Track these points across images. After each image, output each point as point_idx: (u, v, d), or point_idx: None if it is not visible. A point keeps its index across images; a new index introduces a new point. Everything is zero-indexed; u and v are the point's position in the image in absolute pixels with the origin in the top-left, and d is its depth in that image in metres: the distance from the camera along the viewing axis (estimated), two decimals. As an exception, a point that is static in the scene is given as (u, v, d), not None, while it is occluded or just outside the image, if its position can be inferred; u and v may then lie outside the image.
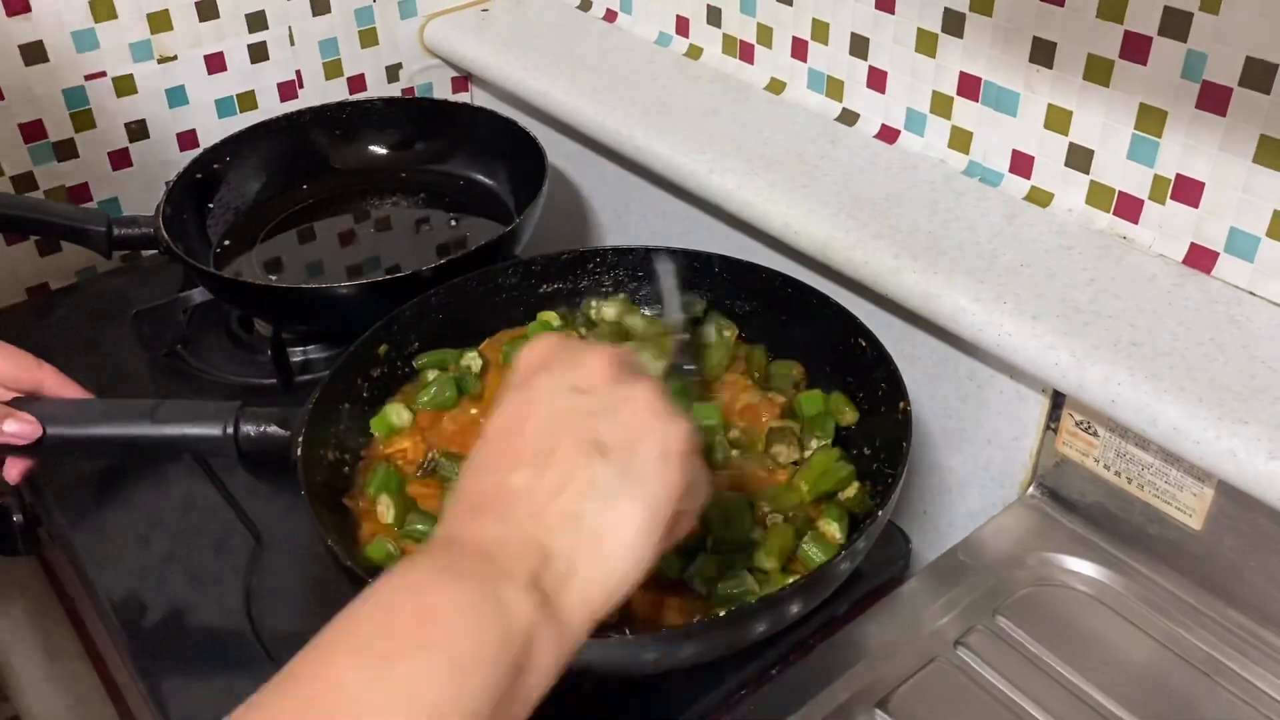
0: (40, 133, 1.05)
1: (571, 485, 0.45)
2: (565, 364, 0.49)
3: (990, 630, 0.74)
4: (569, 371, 0.49)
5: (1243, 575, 0.73)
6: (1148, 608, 0.75)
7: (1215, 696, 0.70)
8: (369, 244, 1.07)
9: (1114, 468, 0.78)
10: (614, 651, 0.62)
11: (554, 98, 1.09)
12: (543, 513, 0.45)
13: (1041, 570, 0.78)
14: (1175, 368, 0.70)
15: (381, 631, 0.40)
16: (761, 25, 1.03)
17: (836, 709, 0.70)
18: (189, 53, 1.10)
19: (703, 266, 0.89)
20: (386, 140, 1.15)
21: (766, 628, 0.65)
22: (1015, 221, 0.85)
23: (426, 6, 1.23)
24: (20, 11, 0.99)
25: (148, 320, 0.96)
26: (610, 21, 1.20)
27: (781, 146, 0.96)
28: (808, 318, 0.85)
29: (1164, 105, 0.76)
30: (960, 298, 0.78)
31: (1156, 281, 0.78)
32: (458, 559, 0.44)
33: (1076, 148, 0.82)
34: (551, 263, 0.90)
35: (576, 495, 0.45)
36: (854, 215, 0.86)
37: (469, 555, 0.44)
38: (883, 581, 0.79)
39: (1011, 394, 0.83)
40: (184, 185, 1.02)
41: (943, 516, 0.93)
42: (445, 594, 0.41)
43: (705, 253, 0.89)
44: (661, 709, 0.70)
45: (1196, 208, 0.77)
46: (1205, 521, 0.74)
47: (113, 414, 0.73)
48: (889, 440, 0.76)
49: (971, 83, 0.87)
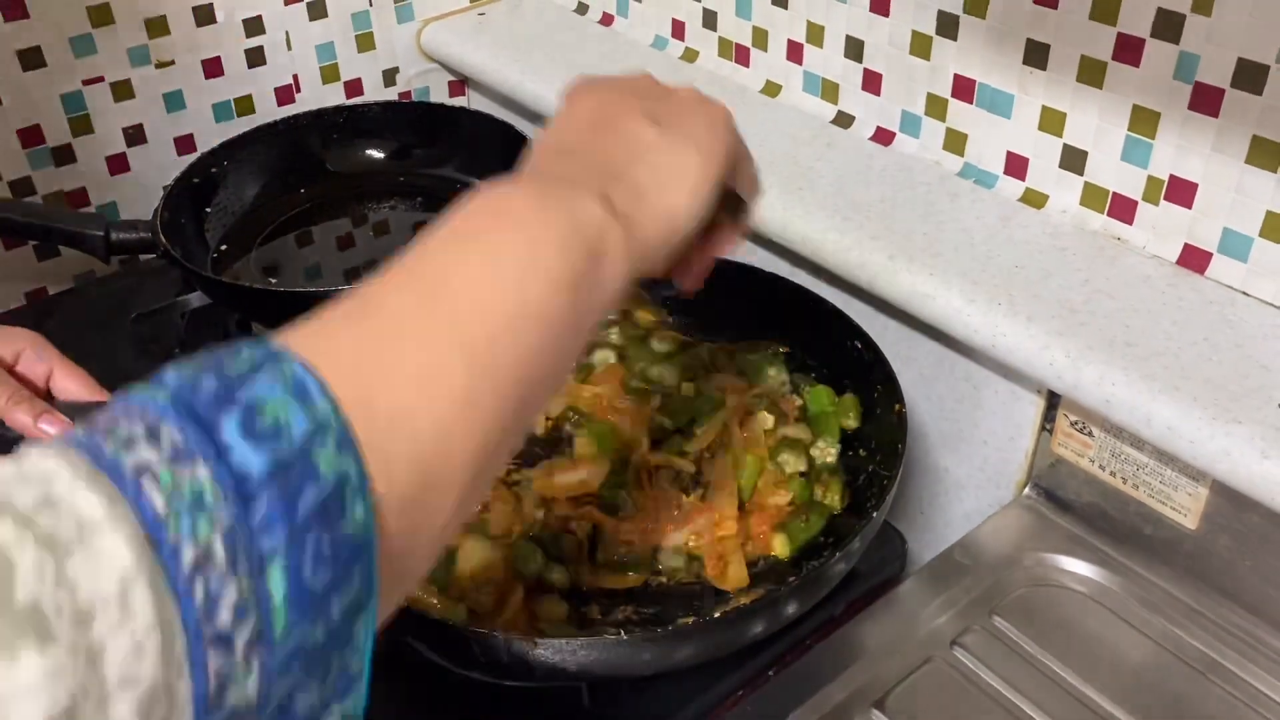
0: (38, 138, 1.05)
1: (636, 141, 0.50)
2: (608, 83, 0.55)
3: (987, 630, 0.75)
4: (614, 84, 0.54)
5: (1238, 574, 0.73)
6: (1143, 607, 0.76)
7: (1211, 695, 0.70)
8: (367, 247, 1.07)
9: (1109, 468, 0.78)
10: (611, 652, 0.62)
11: (551, 101, 1.09)
12: (611, 154, 0.49)
13: (1037, 570, 0.79)
14: (1169, 368, 0.71)
15: (462, 223, 0.43)
16: (757, 28, 1.03)
17: (834, 709, 0.70)
18: (186, 58, 1.11)
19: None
20: (384, 144, 1.15)
21: (764, 628, 0.66)
22: (1010, 223, 0.85)
23: (423, 11, 1.24)
24: (18, 17, 0.99)
25: (146, 324, 0.96)
26: (607, 25, 1.20)
27: (777, 149, 0.96)
28: (805, 321, 0.85)
29: (1157, 107, 0.76)
30: (955, 299, 0.78)
31: (1151, 282, 0.78)
32: (533, 181, 0.47)
33: (1070, 149, 0.83)
34: None
35: (641, 146, 0.50)
36: (849, 218, 0.87)
37: (545, 180, 0.48)
38: (879, 582, 0.79)
39: (1007, 395, 0.83)
40: (182, 189, 1.02)
41: (939, 517, 0.93)
42: (520, 198, 0.44)
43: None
44: (660, 709, 0.70)
45: (1190, 208, 0.77)
46: (1200, 521, 0.74)
47: None
48: (885, 442, 0.77)
49: (966, 85, 0.88)
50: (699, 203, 0.51)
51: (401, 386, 0.36)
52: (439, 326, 0.38)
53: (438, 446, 0.36)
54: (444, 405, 0.37)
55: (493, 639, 0.61)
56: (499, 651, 0.61)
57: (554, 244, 0.42)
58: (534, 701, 0.70)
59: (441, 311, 0.39)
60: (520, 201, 0.44)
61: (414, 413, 0.36)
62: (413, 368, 0.37)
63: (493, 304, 0.40)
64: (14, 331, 0.74)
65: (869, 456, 0.78)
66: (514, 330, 0.40)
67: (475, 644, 0.62)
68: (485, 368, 0.39)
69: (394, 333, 0.38)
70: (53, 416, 0.69)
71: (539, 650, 0.61)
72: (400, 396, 0.36)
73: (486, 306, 0.40)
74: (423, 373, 0.37)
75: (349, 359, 0.36)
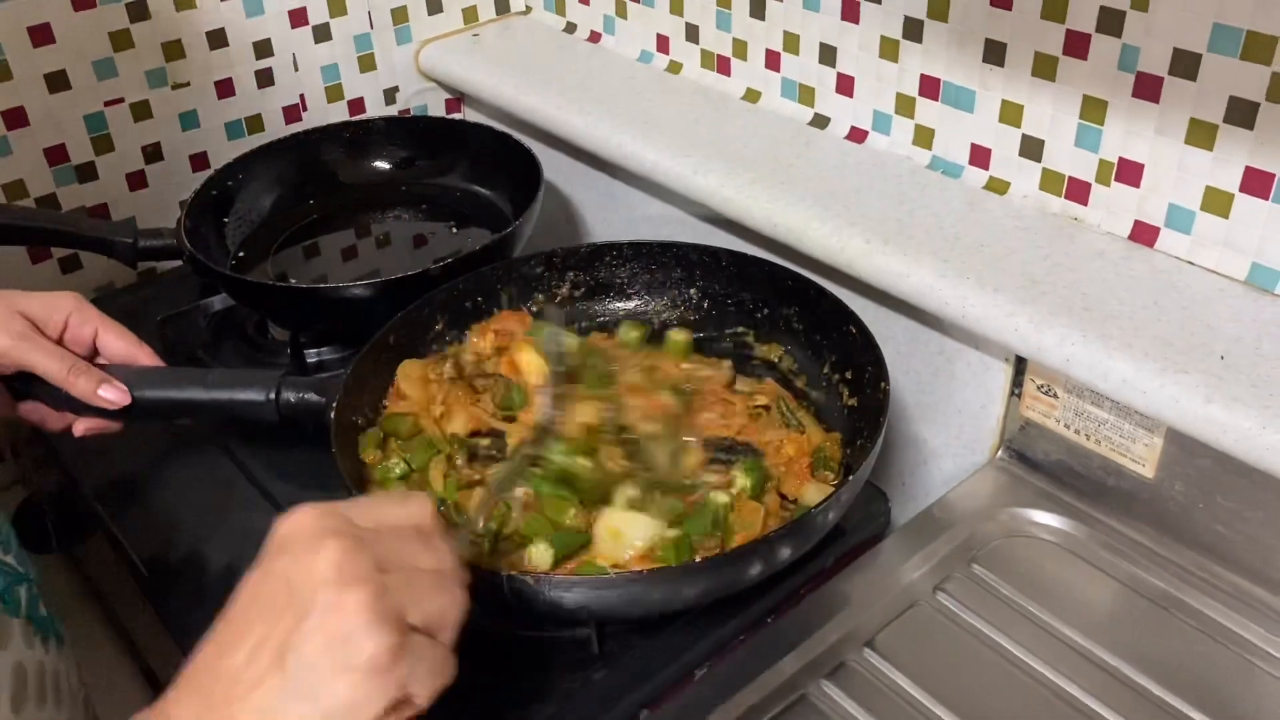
0: (63, 156, 1.11)
1: (265, 683, 0.48)
2: (301, 549, 0.49)
3: (966, 577, 0.81)
4: (299, 561, 0.49)
5: (1193, 517, 0.80)
6: (1108, 552, 0.82)
7: (1172, 628, 0.77)
8: (376, 252, 1.14)
9: (1073, 426, 0.85)
10: (623, 591, 0.68)
11: (545, 113, 1.16)
12: (239, 704, 0.48)
13: (1011, 524, 0.85)
14: (1123, 328, 0.78)
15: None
16: (737, 40, 1.11)
17: (827, 649, 0.76)
18: (201, 79, 1.17)
19: (711, 260, 0.97)
20: (389, 156, 1.22)
21: (761, 569, 0.72)
22: (976, 208, 0.92)
23: (421, 32, 1.31)
24: (45, 43, 1.06)
25: (172, 326, 1.02)
26: (595, 42, 1.28)
27: (759, 150, 1.04)
28: (805, 307, 0.92)
29: (1105, 95, 0.84)
30: (927, 275, 0.85)
31: (1105, 256, 0.85)
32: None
33: (1029, 139, 0.90)
34: (572, 254, 0.99)
35: (268, 692, 0.48)
36: (828, 207, 0.94)
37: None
38: (866, 538, 0.85)
39: (978, 364, 0.90)
40: (202, 201, 1.09)
41: (920, 486, 1.00)
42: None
43: (714, 248, 0.97)
44: (668, 652, 0.76)
45: (1138, 188, 0.84)
46: (1157, 470, 0.81)
47: (170, 380, 0.79)
48: (873, 415, 0.83)
49: (931, 84, 0.95)
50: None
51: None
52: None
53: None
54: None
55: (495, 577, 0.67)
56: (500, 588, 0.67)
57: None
58: (545, 651, 0.76)
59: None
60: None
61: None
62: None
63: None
64: (57, 296, 0.79)
65: (857, 431, 0.85)
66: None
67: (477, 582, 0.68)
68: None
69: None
70: (111, 385, 0.75)
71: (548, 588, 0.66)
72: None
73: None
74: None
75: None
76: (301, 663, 0.47)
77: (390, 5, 1.27)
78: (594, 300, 1.00)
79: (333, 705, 0.47)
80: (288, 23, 1.21)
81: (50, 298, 0.79)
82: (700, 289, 0.98)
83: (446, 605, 0.52)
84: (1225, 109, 0.77)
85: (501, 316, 0.96)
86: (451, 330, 0.95)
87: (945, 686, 0.73)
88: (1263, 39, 0.73)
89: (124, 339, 0.80)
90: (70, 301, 0.79)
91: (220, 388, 0.79)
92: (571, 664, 0.76)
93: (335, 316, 0.99)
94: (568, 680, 0.74)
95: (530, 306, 0.98)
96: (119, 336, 0.80)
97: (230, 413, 0.81)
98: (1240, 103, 0.76)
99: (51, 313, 0.78)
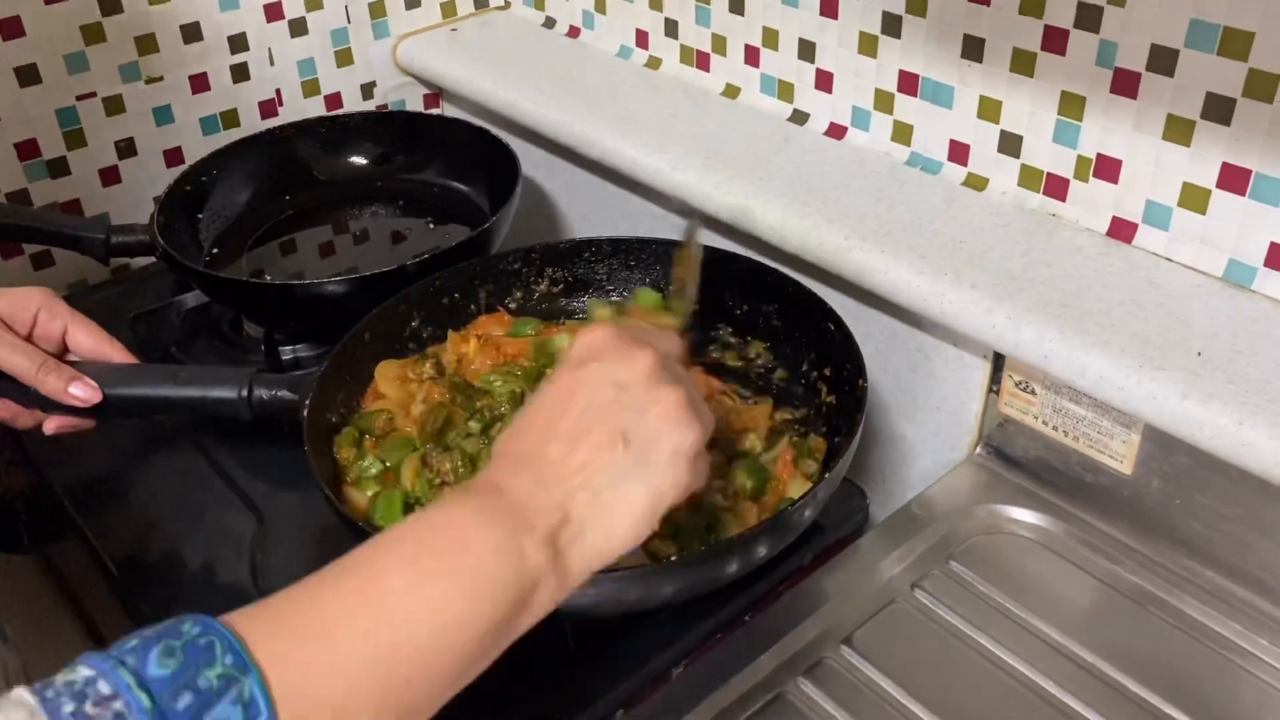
0: (34, 151, 1.10)
1: (596, 464, 0.53)
2: (616, 356, 0.56)
3: (944, 574, 0.81)
4: (617, 364, 0.55)
5: (1169, 514, 0.80)
6: (1086, 549, 0.82)
7: (1149, 624, 0.77)
8: (352, 248, 1.13)
9: (1051, 423, 0.85)
10: (600, 589, 0.68)
11: (523, 108, 1.16)
12: (569, 482, 0.53)
13: (989, 520, 0.85)
14: (1100, 325, 0.78)
15: (426, 549, 0.50)
16: (716, 35, 1.10)
17: (805, 647, 0.76)
18: (175, 74, 1.16)
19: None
20: (366, 152, 1.21)
21: (738, 567, 0.71)
22: (954, 204, 0.92)
23: (399, 27, 1.30)
24: (16, 35, 1.05)
25: (144, 324, 1.01)
26: (574, 37, 1.27)
27: (738, 146, 1.03)
28: (784, 304, 0.92)
29: (1083, 91, 0.83)
30: (906, 271, 0.85)
31: (1083, 252, 0.85)
32: (496, 503, 0.52)
33: (1007, 135, 0.90)
34: (550, 250, 0.98)
35: (598, 473, 0.53)
36: (807, 203, 0.93)
37: (505, 503, 0.52)
38: (843, 535, 0.85)
39: (956, 361, 0.90)
40: (175, 197, 1.07)
41: (899, 483, 1.00)
42: (480, 533, 0.50)
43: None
44: (644, 651, 0.75)
45: (1116, 184, 0.84)
46: (1134, 466, 0.81)
47: (141, 377, 0.78)
48: (850, 412, 0.82)
49: (910, 79, 0.95)
50: (638, 535, 0.54)
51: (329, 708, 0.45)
52: (367, 645, 0.46)
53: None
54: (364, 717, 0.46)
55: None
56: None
57: (493, 593, 0.49)
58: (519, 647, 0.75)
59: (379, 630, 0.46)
60: (476, 535, 0.50)
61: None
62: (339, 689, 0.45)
63: (420, 636, 0.47)
64: (26, 292, 0.78)
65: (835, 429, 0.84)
66: (429, 662, 0.47)
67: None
68: (399, 687, 0.46)
69: (330, 647, 0.45)
70: (82, 382, 0.74)
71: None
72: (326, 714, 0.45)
73: (414, 636, 0.47)
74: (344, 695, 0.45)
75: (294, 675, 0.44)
76: (636, 447, 0.53)
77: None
78: (573, 297, 1.00)
79: (660, 484, 0.54)
80: (263, 16, 1.19)
81: (19, 293, 0.78)
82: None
83: (710, 417, 0.57)
84: (1202, 105, 0.77)
85: (480, 322, 0.95)
86: (428, 327, 0.94)
87: (923, 684, 0.73)
88: (1239, 35, 0.73)
89: (94, 335, 0.79)
90: (39, 297, 0.78)
91: (192, 384, 0.78)
92: (547, 663, 0.75)
93: (311, 313, 0.98)
94: (543, 680, 0.74)
95: (509, 304, 0.98)
96: (89, 333, 0.79)
97: (202, 410, 0.80)
98: (1217, 99, 0.76)
99: (20, 309, 0.77)
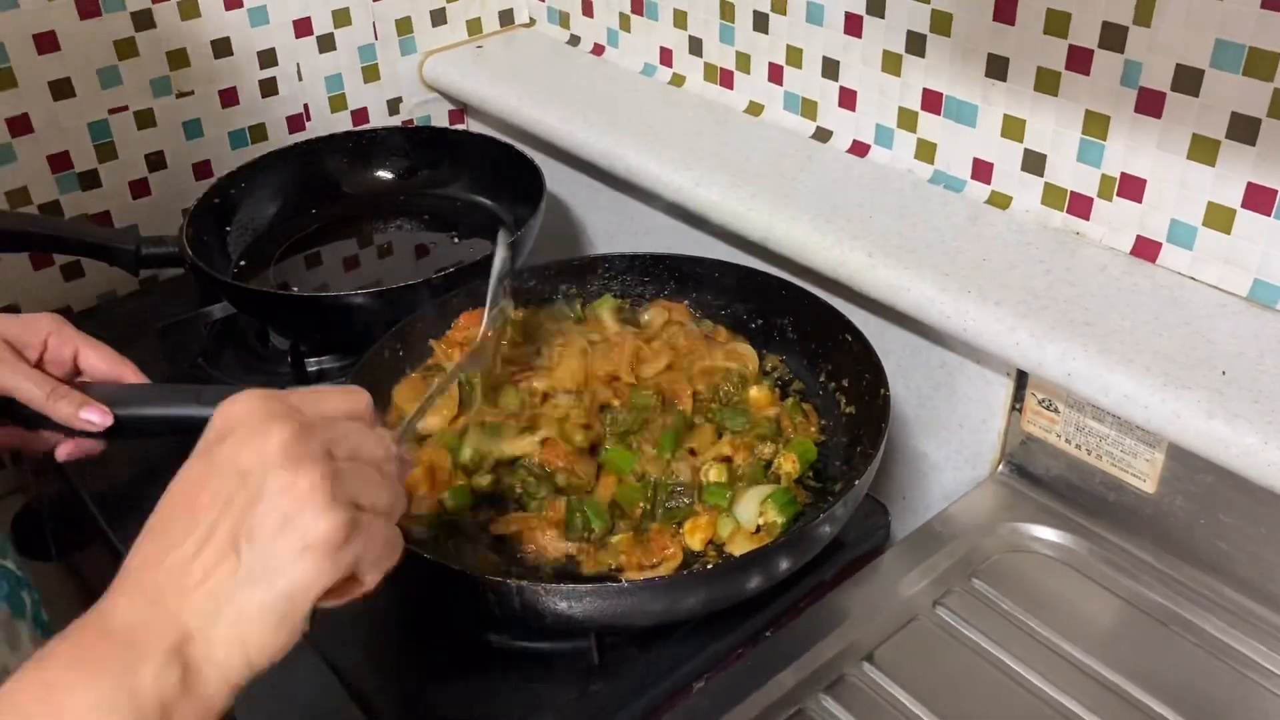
0: (67, 163, 1.12)
1: (218, 572, 0.48)
2: (246, 434, 0.50)
3: (966, 592, 0.81)
4: (247, 445, 0.49)
5: (1194, 533, 0.80)
6: (1109, 568, 0.82)
7: (1172, 643, 0.77)
8: (377, 262, 1.14)
9: (1074, 441, 0.85)
10: (623, 601, 0.68)
11: (548, 125, 1.17)
12: (189, 596, 0.48)
13: (1012, 538, 0.85)
14: (1124, 343, 0.78)
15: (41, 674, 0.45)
16: (740, 53, 1.11)
17: (826, 663, 0.76)
18: (205, 88, 1.18)
19: (703, 271, 0.98)
20: (391, 167, 1.23)
21: (759, 581, 0.71)
22: (977, 222, 0.92)
23: (425, 44, 1.31)
24: (50, 50, 1.06)
25: (172, 335, 1.02)
26: (598, 55, 1.28)
27: (762, 163, 1.04)
28: (800, 316, 0.93)
29: (1107, 110, 0.84)
30: (929, 289, 0.85)
31: (1107, 271, 0.85)
32: (97, 644, 0.47)
33: (1031, 153, 0.90)
34: (564, 267, 0.99)
35: (221, 581, 0.48)
36: (830, 220, 0.94)
37: (110, 640, 0.47)
38: (865, 551, 0.85)
39: (979, 379, 0.90)
40: (204, 210, 1.09)
41: (920, 500, 1.00)
42: (75, 696, 0.45)
43: (705, 259, 0.98)
44: (666, 665, 0.75)
45: (1140, 203, 0.84)
46: (1158, 485, 0.81)
47: (157, 396, 0.78)
48: (872, 424, 0.82)
49: (934, 98, 0.95)
50: (277, 641, 0.48)
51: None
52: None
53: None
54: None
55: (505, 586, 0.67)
56: (510, 599, 0.67)
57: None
58: (544, 663, 0.76)
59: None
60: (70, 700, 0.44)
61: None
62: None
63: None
64: (36, 318, 0.77)
65: (855, 441, 0.85)
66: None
67: (489, 593, 0.67)
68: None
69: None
70: (93, 407, 0.74)
71: (549, 598, 0.66)
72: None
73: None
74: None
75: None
76: (257, 546, 0.47)
77: (394, 16, 1.27)
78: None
79: (289, 586, 0.48)
80: (292, 33, 1.21)
81: (28, 319, 0.78)
82: (693, 300, 0.98)
83: (393, 490, 0.53)
84: (1228, 125, 0.77)
85: (460, 325, 0.94)
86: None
87: (945, 702, 0.73)
88: (1265, 55, 0.73)
89: (106, 357, 0.79)
90: (49, 323, 0.78)
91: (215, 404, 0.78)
92: (570, 676, 0.76)
93: (336, 325, 0.99)
94: (566, 692, 0.74)
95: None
96: (101, 355, 0.78)
97: None
98: (1242, 119, 0.76)
99: (30, 335, 0.76)
